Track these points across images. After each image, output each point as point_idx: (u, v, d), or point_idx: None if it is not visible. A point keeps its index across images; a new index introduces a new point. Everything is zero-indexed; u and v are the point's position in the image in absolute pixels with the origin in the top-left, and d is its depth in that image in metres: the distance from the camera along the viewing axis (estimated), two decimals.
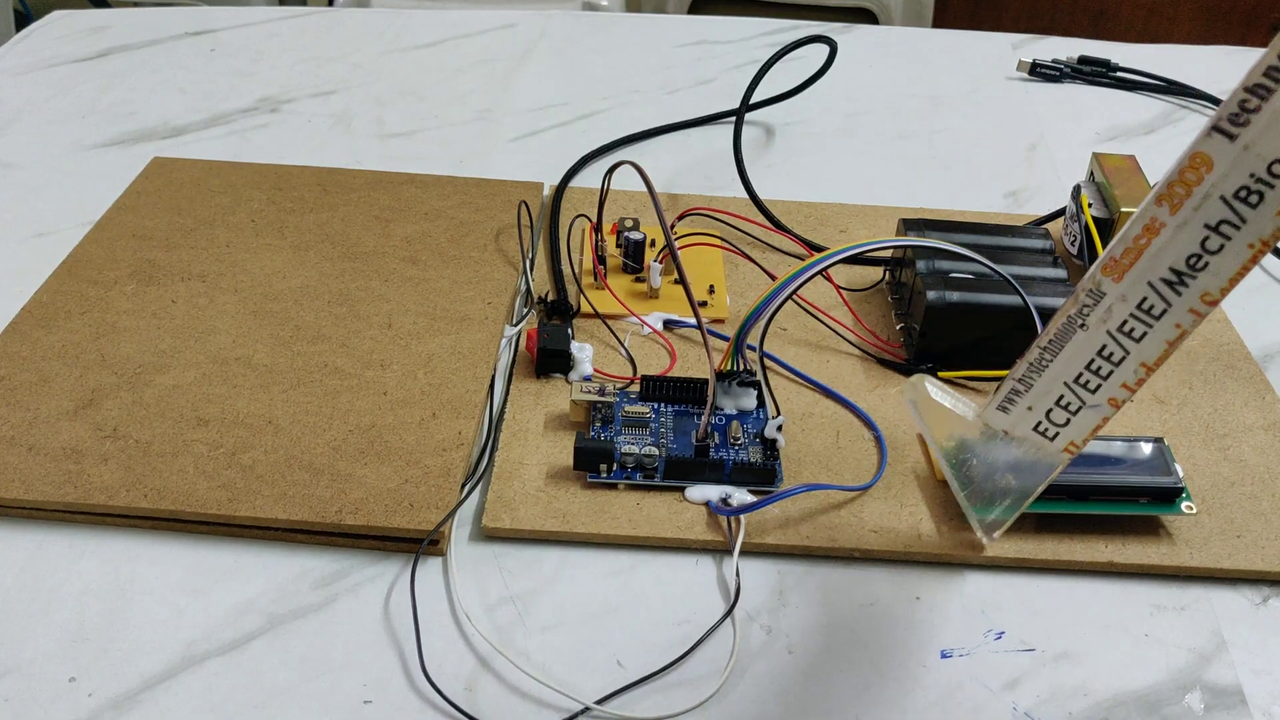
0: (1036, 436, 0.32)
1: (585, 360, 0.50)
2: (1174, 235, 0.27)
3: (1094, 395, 0.31)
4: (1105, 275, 0.29)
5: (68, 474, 0.43)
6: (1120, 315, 0.29)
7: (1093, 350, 0.30)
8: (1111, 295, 0.29)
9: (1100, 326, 0.29)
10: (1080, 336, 0.30)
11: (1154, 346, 0.29)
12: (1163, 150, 0.74)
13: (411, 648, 0.38)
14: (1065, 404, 0.31)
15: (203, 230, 0.58)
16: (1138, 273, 0.28)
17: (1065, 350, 0.30)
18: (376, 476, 0.43)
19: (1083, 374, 0.30)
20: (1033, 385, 0.32)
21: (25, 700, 0.36)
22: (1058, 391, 0.31)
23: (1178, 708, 0.38)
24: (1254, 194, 0.26)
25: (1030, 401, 0.32)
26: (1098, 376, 0.30)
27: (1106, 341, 0.30)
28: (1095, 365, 0.30)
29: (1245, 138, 0.26)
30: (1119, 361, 0.30)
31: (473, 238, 0.58)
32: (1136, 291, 0.28)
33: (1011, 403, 0.32)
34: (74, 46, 0.82)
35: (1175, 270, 0.28)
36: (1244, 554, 0.42)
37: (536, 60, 0.83)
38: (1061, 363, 0.31)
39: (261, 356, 0.49)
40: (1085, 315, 0.30)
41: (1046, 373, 0.31)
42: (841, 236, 0.61)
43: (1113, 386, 0.30)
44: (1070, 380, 0.31)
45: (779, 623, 0.40)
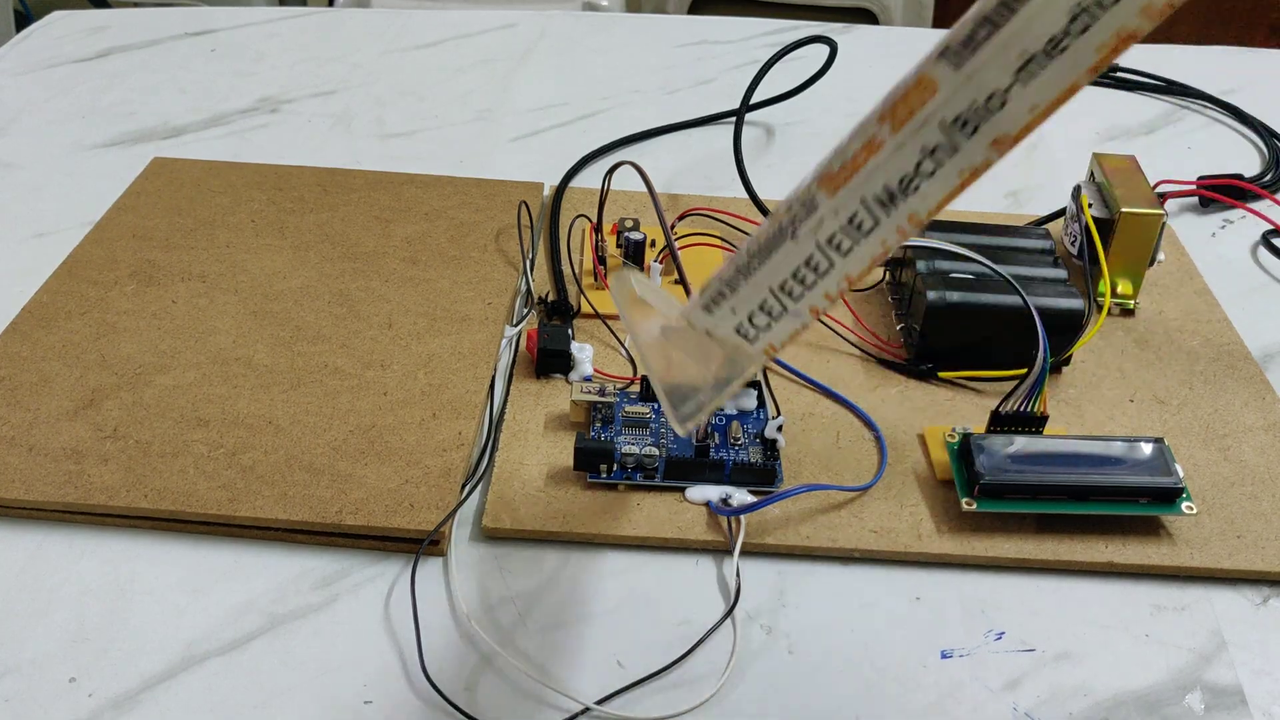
0: (737, 338, 0.33)
1: (585, 360, 0.50)
2: (891, 155, 0.28)
3: (796, 303, 0.31)
4: (820, 188, 0.29)
5: (68, 474, 0.43)
6: (830, 228, 0.29)
7: (799, 259, 0.30)
8: (824, 208, 0.29)
9: (810, 238, 0.30)
10: (789, 246, 0.30)
11: (858, 261, 0.29)
12: (1163, 150, 0.74)
13: (412, 648, 0.38)
14: (768, 309, 0.32)
15: (203, 230, 0.58)
16: (852, 188, 0.28)
17: (773, 258, 0.31)
18: (377, 477, 0.43)
19: (787, 282, 0.31)
20: (738, 289, 0.32)
21: (25, 700, 0.36)
22: (761, 296, 0.31)
23: (1178, 708, 0.38)
24: (970, 124, 0.26)
25: (734, 304, 0.32)
26: (801, 285, 0.31)
27: (814, 253, 0.30)
28: (801, 274, 0.30)
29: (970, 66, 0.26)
30: (824, 272, 0.30)
31: (473, 238, 0.58)
32: (848, 207, 0.29)
33: (716, 304, 0.33)
34: (74, 47, 0.82)
35: (888, 189, 0.28)
36: (1244, 554, 0.42)
37: (537, 60, 0.83)
38: (768, 270, 0.31)
39: (262, 357, 0.49)
40: (796, 225, 0.30)
41: (752, 278, 0.31)
42: None
43: (815, 296, 0.31)
44: (775, 286, 0.31)
45: (779, 623, 0.40)
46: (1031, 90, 0.25)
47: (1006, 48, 0.25)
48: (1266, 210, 0.65)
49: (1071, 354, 0.51)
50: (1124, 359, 0.53)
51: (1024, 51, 0.25)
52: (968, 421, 0.48)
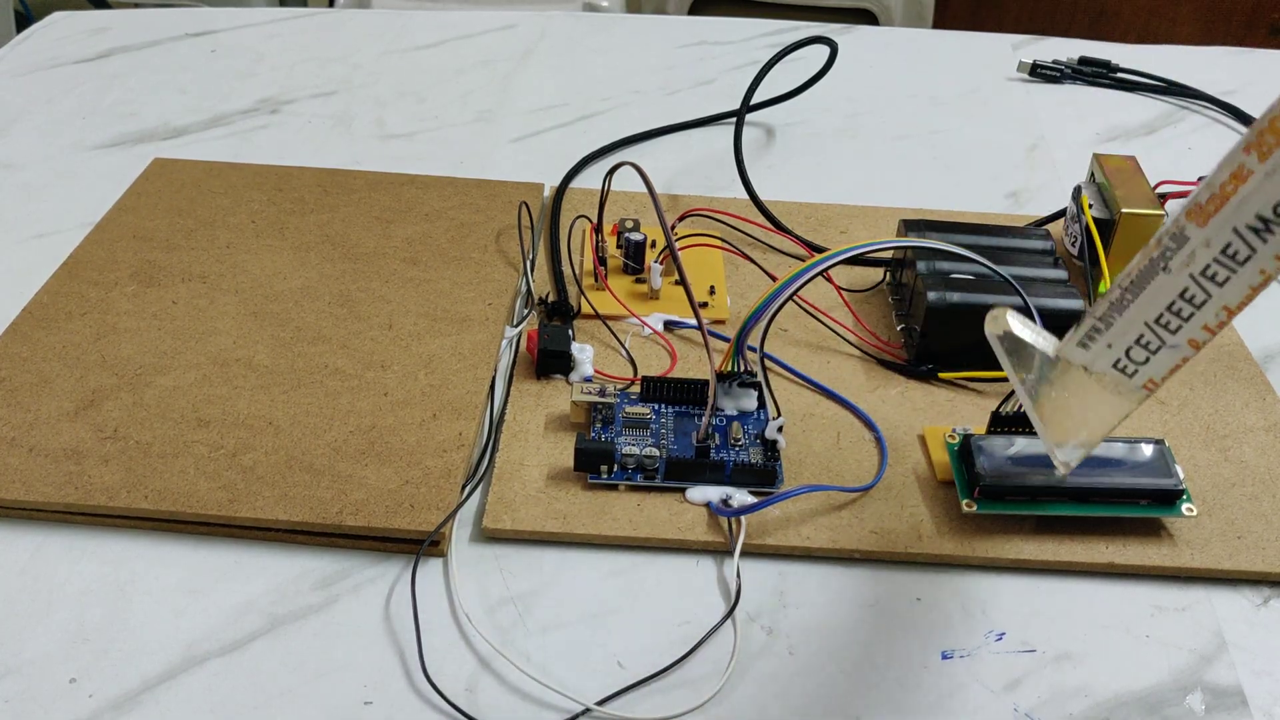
0: (1115, 373, 0.33)
1: (586, 361, 0.50)
2: (1262, 182, 0.28)
3: (1174, 336, 0.31)
4: (1189, 220, 0.29)
5: (68, 475, 0.43)
6: (1204, 260, 0.29)
7: (1174, 293, 0.30)
8: (1195, 240, 0.29)
9: (1183, 270, 0.30)
10: (1161, 279, 0.30)
11: (1237, 291, 0.30)
12: (1163, 151, 0.74)
13: (412, 648, 0.38)
14: (1145, 343, 0.32)
15: (203, 231, 0.58)
16: (1223, 219, 0.29)
17: (1146, 292, 0.31)
18: (377, 477, 0.43)
19: (1163, 315, 0.31)
20: (1113, 324, 0.32)
21: (26, 701, 0.36)
22: (1138, 331, 0.32)
23: (1179, 709, 0.38)
24: None
25: (1110, 340, 0.33)
26: (1178, 318, 0.31)
27: (1189, 285, 0.30)
28: (1176, 307, 0.31)
29: None
30: (1200, 304, 0.30)
31: (473, 239, 0.58)
32: (1221, 237, 0.29)
33: (1092, 339, 0.33)
34: (75, 47, 0.82)
35: (1262, 217, 0.28)
36: (1245, 555, 0.42)
37: (537, 61, 0.83)
38: (1142, 304, 0.31)
39: (262, 357, 0.49)
40: (1168, 259, 0.30)
41: (1127, 313, 0.32)
42: (842, 237, 0.61)
43: (1193, 328, 0.31)
44: (1151, 320, 0.31)
45: (780, 624, 0.40)
46: None
47: None
48: None
49: None
50: None
51: None
52: (968, 422, 0.48)
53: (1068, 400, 0.35)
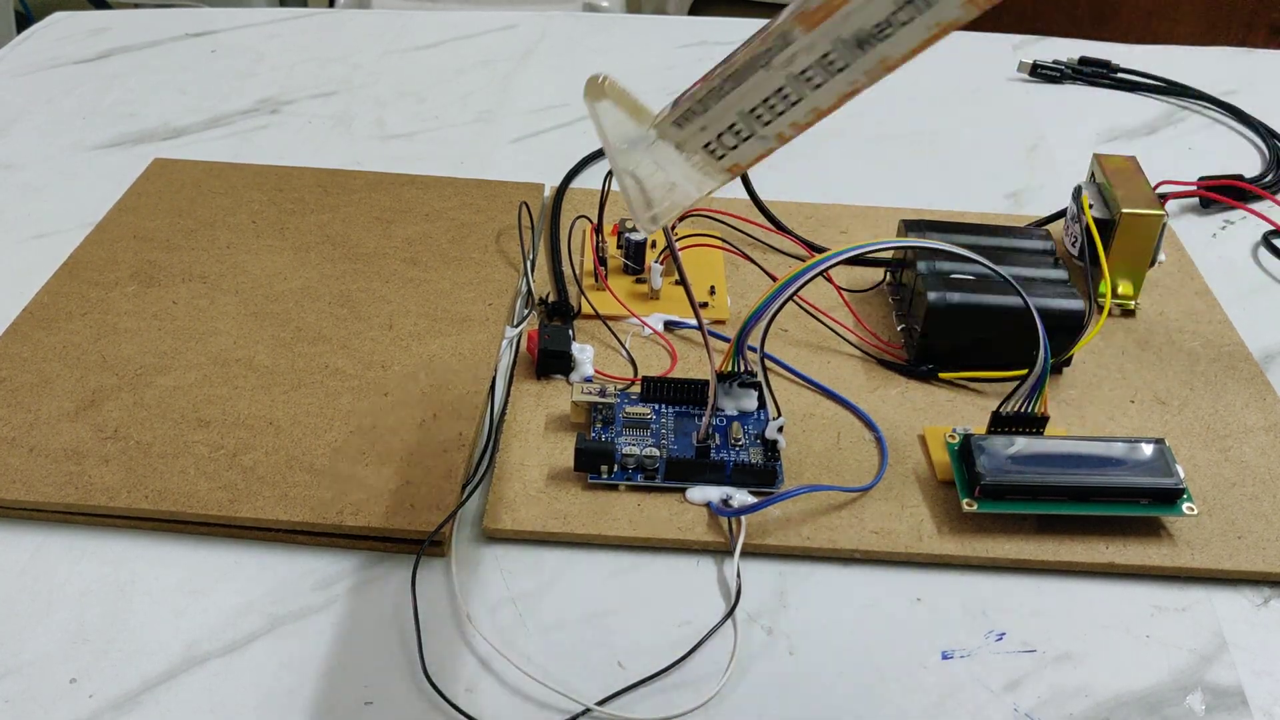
0: (704, 154, 0.35)
1: (586, 361, 0.50)
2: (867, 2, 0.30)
3: (765, 128, 0.33)
4: (797, 24, 0.31)
5: (69, 475, 0.43)
6: (803, 63, 0.31)
7: (771, 89, 0.32)
8: (799, 44, 0.31)
9: (782, 69, 0.32)
10: (761, 74, 0.32)
11: (828, 95, 0.32)
12: (1163, 151, 0.74)
13: (412, 649, 0.38)
14: (736, 131, 0.34)
15: (203, 231, 0.58)
16: (827, 28, 0.30)
17: (745, 84, 0.33)
18: (377, 478, 0.43)
19: (758, 108, 0.33)
20: (709, 109, 0.34)
21: (26, 701, 0.36)
22: (731, 119, 0.34)
23: (1179, 709, 0.38)
24: None
25: (704, 123, 0.35)
26: (771, 112, 0.33)
27: (785, 83, 0.32)
28: (770, 102, 0.33)
29: None
30: (794, 103, 0.32)
31: (473, 239, 0.58)
32: (822, 45, 0.31)
33: (688, 120, 0.35)
34: (75, 48, 0.82)
35: (862, 32, 0.30)
36: (1245, 555, 0.42)
37: (537, 61, 0.83)
38: (740, 94, 0.33)
39: (262, 358, 0.49)
40: (770, 57, 0.32)
41: (724, 100, 0.34)
42: (842, 238, 0.61)
43: (783, 124, 0.33)
44: (745, 110, 0.33)
45: (780, 624, 0.40)
46: None
47: None
48: (1267, 211, 0.65)
49: (1072, 355, 0.51)
50: (1125, 360, 0.53)
51: None
52: (968, 422, 0.48)
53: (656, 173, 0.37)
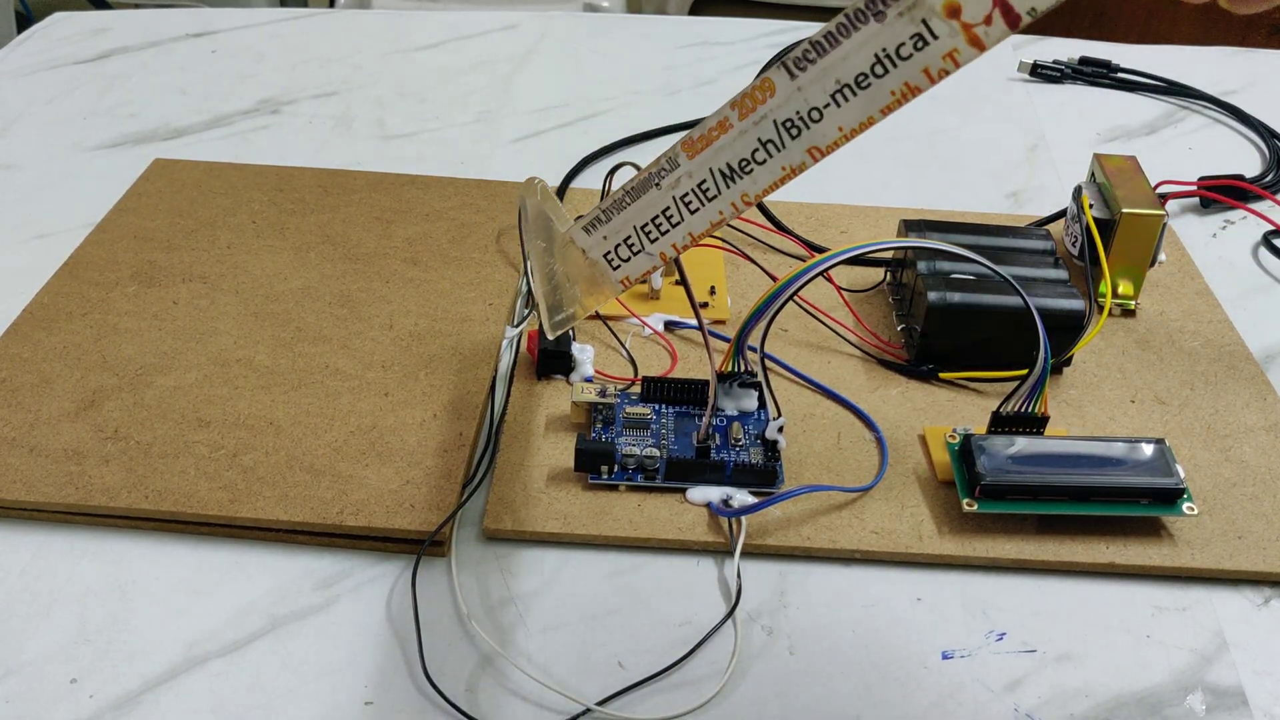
0: (604, 263, 0.38)
1: (586, 361, 0.50)
2: (736, 138, 0.33)
3: (652, 245, 0.36)
4: (684, 150, 0.34)
5: (69, 475, 0.43)
6: (685, 187, 0.35)
7: (659, 208, 0.35)
8: (683, 168, 0.34)
9: (670, 191, 0.35)
10: (654, 194, 0.35)
11: (700, 222, 0.35)
12: (1164, 151, 0.74)
13: (413, 649, 0.38)
14: (630, 244, 0.37)
15: (204, 231, 0.58)
16: (704, 158, 0.34)
17: (640, 201, 0.36)
18: (378, 478, 0.43)
19: (648, 225, 0.36)
20: (612, 220, 0.37)
21: (26, 701, 0.36)
22: (627, 232, 0.37)
23: (1179, 709, 0.38)
24: (795, 128, 0.32)
25: (606, 233, 0.37)
26: (658, 230, 0.36)
27: (670, 205, 0.35)
28: (658, 220, 0.36)
29: (801, 80, 0.31)
30: (675, 225, 0.35)
31: (474, 239, 0.58)
32: (700, 173, 0.34)
33: (594, 228, 0.38)
34: (75, 48, 0.82)
35: (730, 166, 0.33)
36: (1245, 555, 0.42)
37: (537, 61, 0.83)
38: (635, 210, 0.36)
39: (263, 358, 0.49)
40: (661, 177, 0.35)
41: (624, 214, 0.36)
42: (842, 237, 0.61)
43: (665, 243, 0.36)
44: (638, 226, 0.36)
45: (780, 624, 0.40)
46: (842, 113, 0.31)
47: (827, 73, 0.30)
48: (1267, 211, 0.65)
49: (1072, 355, 0.51)
50: (1125, 360, 0.53)
51: (839, 80, 0.30)
52: (969, 422, 0.48)
53: (565, 276, 0.40)
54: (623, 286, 0.38)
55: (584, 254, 0.38)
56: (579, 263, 0.38)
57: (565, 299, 0.40)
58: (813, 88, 0.31)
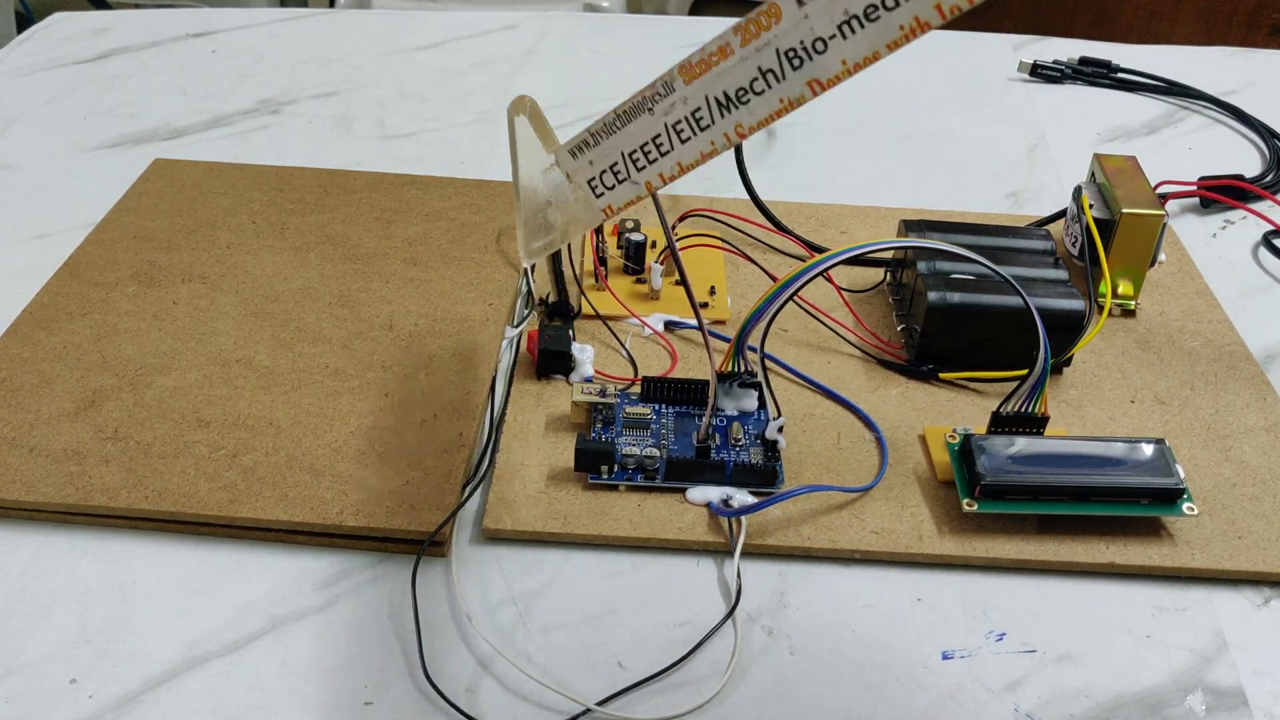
0: (587, 189, 0.36)
1: (586, 361, 0.50)
2: (736, 65, 0.31)
3: (638, 173, 0.34)
4: (681, 75, 0.32)
5: (69, 475, 0.43)
6: (678, 114, 0.33)
7: (649, 135, 0.34)
8: (678, 94, 0.33)
9: (662, 117, 0.33)
10: (645, 118, 0.34)
11: (692, 151, 0.33)
12: (1164, 151, 0.74)
13: (413, 649, 0.38)
14: (616, 171, 0.35)
15: (204, 232, 0.58)
16: (701, 84, 0.32)
17: (630, 125, 0.34)
18: (378, 478, 0.43)
19: (636, 152, 0.34)
20: (600, 144, 0.35)
21: (26, 701, 0.36)
22: (614, 158, 0.35)
23: (1179, 709, 0.38)
24: (798, 58, 0.30)
25: (593, 157, 0.35)
26: (646, 159, 0.34)
27: (662, 132, 0.33)
28: (647, 148, 0.34)
29: (808, 8, 0.30)
30: (664, 153, 0.34)
31: (474, 239, 0.58)
32: (695, 100, 0.32)
33: (581, 152, 0.36)
34: (75, 48, 0.82)
35: (726, 95, 0.32)
36: (1245, 555, 0.42)
37: (538, 61, 0.83)
38: (624, 135, 0.34)
39: (263, 358, 0.49)
40: (655, 102, 0.33)
41: (612, 138, 0.35)
42: (842, 238, 0.61)
43: (652, 172, 0.34)
44: (626, 152, 0.34)
45: (780, 624, 0.40)
46: (847, 45, 0.29)
47: (836, 1, 0.29)
48: (1267, 211, 0.65)
49: (1072, 355, 0.51)
50: (1125, 360, 0.53)
51: (848, 10, 0.29)
52: (969, 422, 0.48)
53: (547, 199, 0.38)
54: (604, 215, 0.36)
55: (568, 179, 0.36)
56: (562, 188, 0.37)
57: (545, 224, 0.39)
58: (820, 17, 0.29)
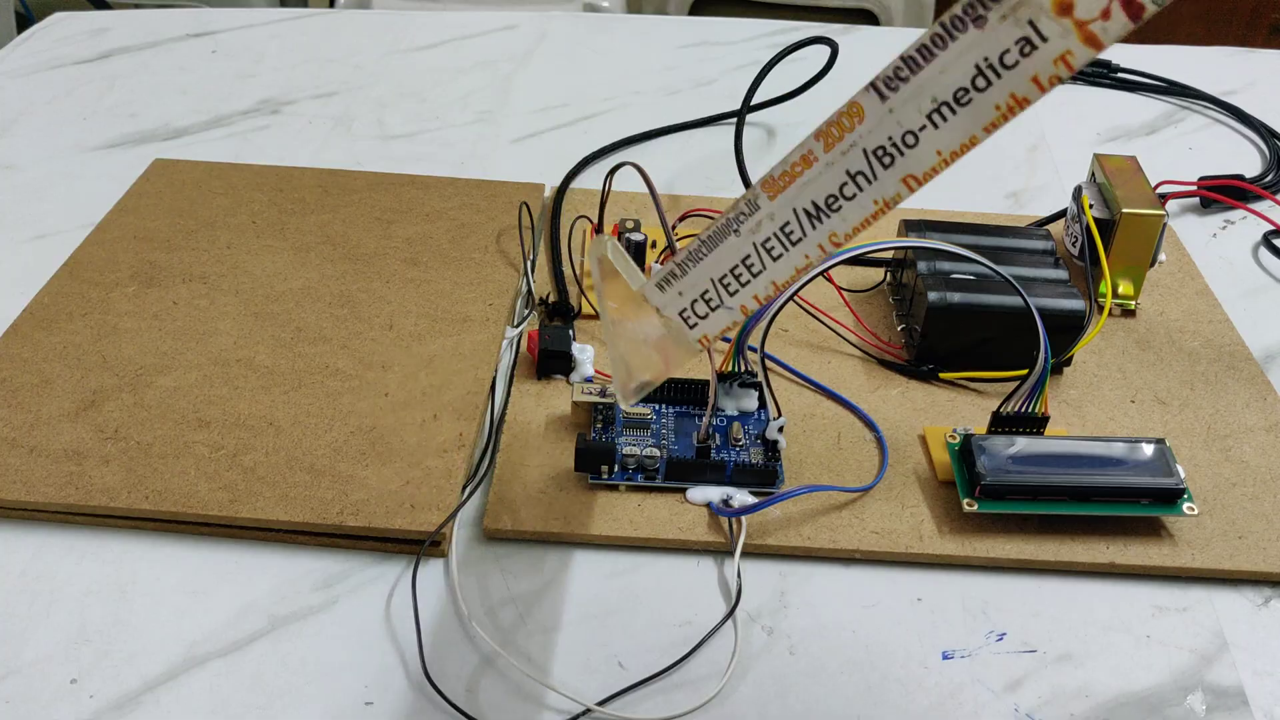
0: (680, 321, 0.35)
1: (586, 361, 0.50)
2: (821, 172, 0.30)
3: (731, 298, 0.33)
4: (764, 191, 0.31)
5: (69, 475, 0.43)
6: (766, 232, 0.31)
7: (738, 257, 0.32)
8: (764, 211, 0.31)
9: (749, 237, 0.32)
10: (732, 240, 0.32)
11: (785, 269, 0.32)
12: (1164, 151, 0.74)
13: (413, 649, 0.38)
14: (708, 299, 0.34)
15: (204, 232, 0.58)
16: (787, 198, 0.31)
17: (717, 250, 0.33)
18: (378, 478, 0.43)
19: (726, 276, 0.33)
20: (687, 273, 0.34)
21: (26, 702, 0.36)
22: (704, 286, 0.34)
23: (1179, 709, 0.38)
24: (888, 156, 0.29)
25: (682, 288, 0.34)
26: (737, 282, 0.33)
27: (751, 252, 0.32)
28: (738, 271, 0.33)
29: (892, 102, 0.28)
30: (756, 274, 0.32)
31: (474, 239, 0.58)
32: (783, 214, 0.31)
33: (668, 284, 0.35)
34: (75, 48, 0.82)
35: (815, 205, 0.30)
36: (1246, 555, 0.42)
37: (537, 61, 0.83)
38: (712, 261, 0.33)
39: (263, 358, 0.49)
40: (740, 223, 0.32)
41: (700, 266, 0.33)
42: None
43: (746, 295, 0.33)
44: (716, 278, 0.33)
45: (780, 624, 0.40)
46: (939, 135, 0.28)
47: (922, 90, 0.27)
48: (1267, 211, 0.65)
49: (1072, 355, 0.51)
50: (1125, 360, 0.53)
51: (936, 98, 0.27)
52: (969, 422, 0.48)
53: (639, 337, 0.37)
54: (700, 346, 0.35)
55: (659, 313, 0.35)
56: (653, 323, 0.35)
57: (640, 363, 0.37)
58: (906, 108, 0.28)
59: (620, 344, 0.38)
